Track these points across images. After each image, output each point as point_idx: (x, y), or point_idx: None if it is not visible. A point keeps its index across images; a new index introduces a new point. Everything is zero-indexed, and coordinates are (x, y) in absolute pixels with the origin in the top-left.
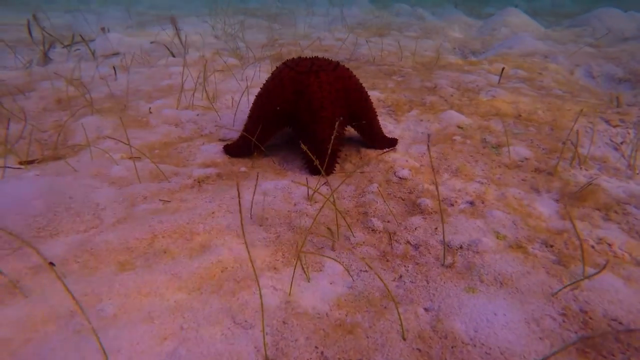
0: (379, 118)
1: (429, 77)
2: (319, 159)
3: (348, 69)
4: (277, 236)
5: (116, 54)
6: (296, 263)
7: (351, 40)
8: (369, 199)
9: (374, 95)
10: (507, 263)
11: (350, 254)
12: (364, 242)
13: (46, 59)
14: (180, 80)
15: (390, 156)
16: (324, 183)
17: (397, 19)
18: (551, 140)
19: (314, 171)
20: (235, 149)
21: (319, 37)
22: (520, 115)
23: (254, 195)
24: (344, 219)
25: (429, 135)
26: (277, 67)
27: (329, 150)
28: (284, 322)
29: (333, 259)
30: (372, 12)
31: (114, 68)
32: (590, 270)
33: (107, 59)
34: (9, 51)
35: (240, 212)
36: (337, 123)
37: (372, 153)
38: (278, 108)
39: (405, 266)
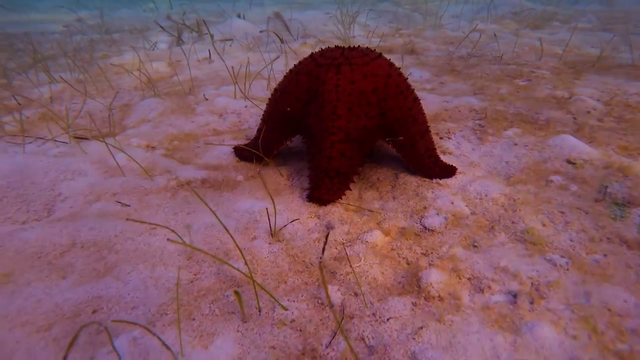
0: (459, 133)
1: (569, 83)
2: (322, 182)
3: (391, 64)
4: (191, 281)
5: (229, 39)
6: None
7: (490, 32)
8: (356, 251)
9: (468, 102)
10: None
11: (259, 334)
12: (291, 322)
13: (180, 41)
14: (269, 68)
15: (436, 191)
16: (294, 219)
17: (570, 7)
18: None
19: (311, 196)
20: (245, 152)
21: (453, 27)
22: None
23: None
24: (270, 294)
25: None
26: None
27: (337, 172)
28: None
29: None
30: None
31: (209, 52)
32: None
33: (220, 43)
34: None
35: None
36: (353, 136)
37: (415, 182)
38: (288, 109)
39: None
